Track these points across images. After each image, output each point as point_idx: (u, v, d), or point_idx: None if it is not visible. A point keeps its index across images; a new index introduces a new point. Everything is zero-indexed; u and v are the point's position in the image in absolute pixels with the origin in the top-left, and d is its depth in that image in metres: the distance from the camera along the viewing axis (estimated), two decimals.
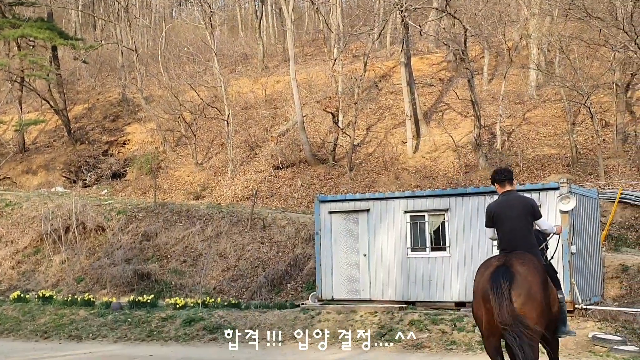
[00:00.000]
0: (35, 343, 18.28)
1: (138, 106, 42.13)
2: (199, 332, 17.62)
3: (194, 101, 38.15)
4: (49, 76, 39.42)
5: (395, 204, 17.86)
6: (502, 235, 8.12)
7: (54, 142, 41.67)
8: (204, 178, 34.30)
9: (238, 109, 38.97)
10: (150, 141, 39.11)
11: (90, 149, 38.85)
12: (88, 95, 46.62)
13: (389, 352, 14.75)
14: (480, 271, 7.82)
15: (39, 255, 25.04)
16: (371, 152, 33.62)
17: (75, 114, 43.34)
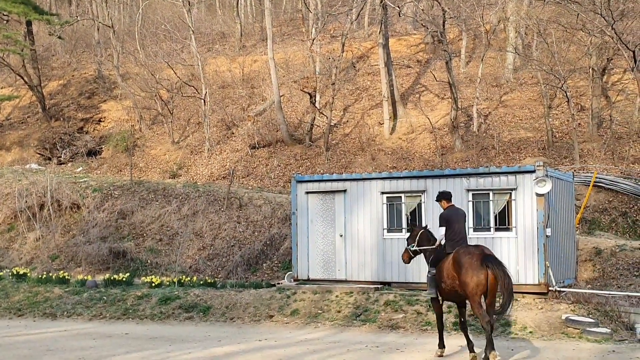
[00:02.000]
0: (9, 321, 18.18)
1: (114, 83, 41.69)
2: (175, 310, 17.64)
3: (171, 79, 37.83)
4: (23, 51, 38.82)
5: (372, 184, 17.92)
6: (452, 232, 11.63)
7: (28, 119, 41.14)
8: (181, 157, 34.13)
9: (215, 87, 38.75)
10: (126, 119, 38.77)
11: (65, 125, 38.41)
12: (63, 72, 45.99)
13: (365, 332, 14.89)
14: (468, 255, 10.88)
15: (12, 233, 24.81)
16: (348, 132, 33.65)
17: (50, 91, 42.77)
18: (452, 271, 10.97)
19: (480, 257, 10.69)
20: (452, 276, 10.99)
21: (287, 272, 19.53)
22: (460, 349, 12.30)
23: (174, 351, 12.93)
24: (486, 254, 10.83)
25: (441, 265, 11.37)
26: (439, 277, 11.39)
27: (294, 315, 16.36)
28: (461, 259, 10.83)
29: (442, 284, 11.33)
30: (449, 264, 11.14)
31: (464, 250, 11.03)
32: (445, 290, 11.33)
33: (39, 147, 37.04)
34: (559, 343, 13.07)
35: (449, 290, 11.26)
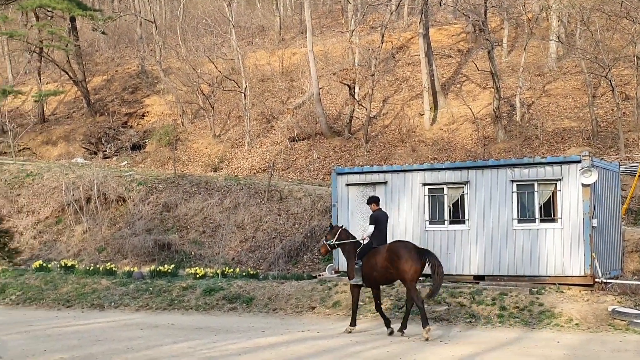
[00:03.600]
0: (58, 312, 18.60)
1: (156, 78, 42.20)
2: (219, 301, 17.86)
3: (212, 73, 38.17)
4: (68, 47, 39.51)
5: (414, 176, 17.86)
6: (378, 231, 13.73)
7: (73, 114, 41.90)
8: (222, 150, 34.43)
9: (255, 81, 38.95)
10: (168, 113, 39.24)
11: (109, 120, 39.04)
12: (107, 67, 46.72)
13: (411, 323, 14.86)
14: (406, 249, 13.04)
15: (60, 225, 25.36)
16: (387, 124, 33.55)
17: (94, 86, 43.50)
18: (387, 262, 13.07)
19: (417, 250, 13.06)
20: (386, 266, 13.10)
21: (327, 264, 19.60)
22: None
23: (220, 341, 13.11)
24: (420, 247, 13.33)
25: (372, 258, 13.38)
26: (370, 266, 13.40)
27: (336, 307, 16.43)
28: (399, 252, 12.95)
29: (374, 272, 13.33)
30: (382, 256, 13.18)
31: (400, 244, 13.28)
32: (376, 277, 13.40)
33: (84, 142, 37.72)
34: (605, 335, 12.92)
35: (379, 277, 13.40)
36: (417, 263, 12.83)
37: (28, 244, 24.80)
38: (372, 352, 11.68)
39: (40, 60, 42.03)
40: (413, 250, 13.00)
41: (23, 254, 23.87)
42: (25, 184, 27.64)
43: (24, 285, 20.66)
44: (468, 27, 39.67)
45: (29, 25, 43.96)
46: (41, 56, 41.70)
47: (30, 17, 43.51)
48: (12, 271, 22.04)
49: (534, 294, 15.28)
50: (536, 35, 35.71)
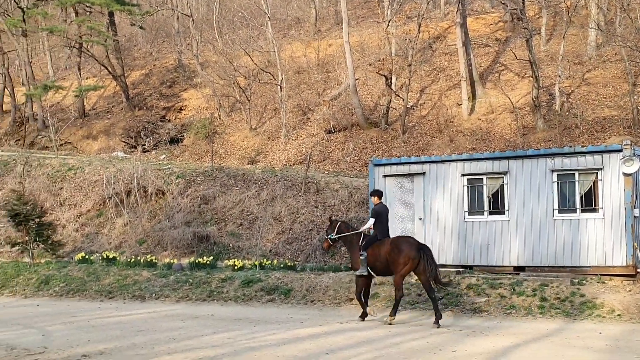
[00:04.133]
0: (100, 303, 18.93)
1: (194, 72, 42.52)
2: (257, 293, 17.99)
3: (248, 66, 38.32)
4: (107, 42, 40.01)
5: (452, 166, 17.76)
6: (381, 223, 14.39)
7: (113, 108, 42.47)
8: (258, 143, 34.57)
9: (291, 73, 39.00)
10: (206, 107, 39.53)
11: (148, 114, 39.48)
12: (145, 62, 47.22)
13: (447, 315, 14.81)
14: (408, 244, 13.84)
15: (101, 218, 25.75)
16: (425, 114, 33.33)
17: (132, 80, 44.01)
18: (388, 254, 13.84)
19: (417, 246, 13.85)
20: (387, 259, 13.89)
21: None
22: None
23: (259, 332, 13.21)
24: (420, 243, 14.13)
25: (377, 249, 14.12)
26: (374, 257, 14.14)
27: (374, 298, 16.42)
28: (401, 246, 13.79)
29: (377, 263, 14.12)
30: (386, 249, 13.96)
31: (403, 239, 14.17)
32: (377, 267, 14.16)
33: (124, 136, 38.21)
34: None
35: (380, 267, 14.13)
36: (414, 260, 13.64)
37: (71, 237, 25.24)
38: (411, 343, 11.66)
39: (80, 56, 42.63)
40: (414, 246, 13.82)
41: (66, 247, 24.31)
42: (67, 177, 28.11)
43: (67, 277, 21.07)
44: (506, 16, 39.16)
45: (68, 20, 44.67)
46: (81, 51, 42.29)
47: (70, 12, 44.16)
48: (55, 263, 22.49)
49: (575, 284, 15.11)
50: (575, 23, 35.10)
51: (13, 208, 22.88)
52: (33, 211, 22.72)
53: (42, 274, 21.58)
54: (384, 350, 11.06)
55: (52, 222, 24.09)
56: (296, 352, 10.97)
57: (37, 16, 42.85)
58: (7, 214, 23.40)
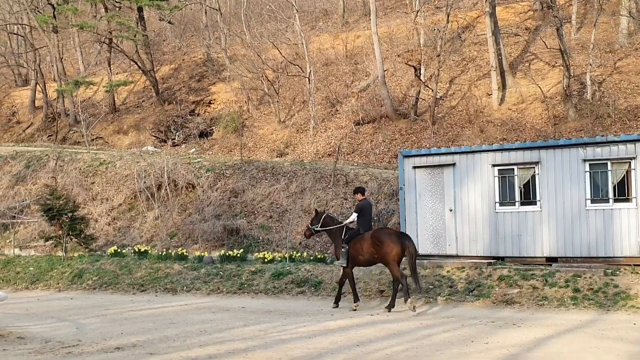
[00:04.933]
0: (132, 296, 19.15)
1: (222, 66, 42.66)
2: (287, 285, 18.05)
3: (276, 59, 38.33)
4: (136, 37, 40.30)
5: (483, 157, 17.61)
6: (364, 218, 15.28)
7: (142, 103, 42.81)
8: (287, 135, 34.60)
9: (319, 65, 38.94)
10: (234, 100, 39.64)
11: (177, 109, 39.71)
12: (174, 56, 47.49)
13: (479, 307, 14.73)
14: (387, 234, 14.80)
15: (133, 212, 26.00)
16: (454, 105, 33.06)
17: (162, 75, 44.30)
18: (371, 247, 14.67)
19: (397, 235, 14.82)
20: (371, 251, 14.72)
21: None
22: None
23: (290, 324, 13.26)
24: (400, 232, 15.30)
25: (358, 243, 14.98)
26: (356, 250, 15.01)
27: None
28: (381, 238, 14.63)
29: (359, 257, 15.00)
30: (368, 242, 14.79)
31: (382, 231, 15.05)
32: (360, 260, 15.07)
33: (154, 130, 38.50)
34: None
35: (363, 260, 15.05)
36: (397, 246, 14.46)
37: (103, 231, 25.53)
38: (443, 335, 11.60)
39: (110, 51, 43.02)
40: (394, 235, 14.76)
41: (98, 240, 24.59)
42: (99, 172, 28.42)
43: (100, 270, 21.34)
44: (535, 5, 38.64)
45: (98, 16, 45.06)
46: (111, 47, 42.67)
47: (100, 8, 44.54)
48: (88, 257, 22.79)
49: (609, 275, 14.90)
50: (606, 11, 34.50)
51: (46, 203, 23.20)
52: (66, 205, 23.01)
53: (75, 267, 21.89)
54: (415, 342, 11.02)
55: (84, 216, 24.37)
56: (327, 345, 10.98)
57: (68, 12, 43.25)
58: (41, 209, 23.74)
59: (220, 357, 10.21)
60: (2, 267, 23.31)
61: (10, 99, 47.72)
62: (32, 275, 22.26)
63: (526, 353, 10.06)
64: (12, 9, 50.58)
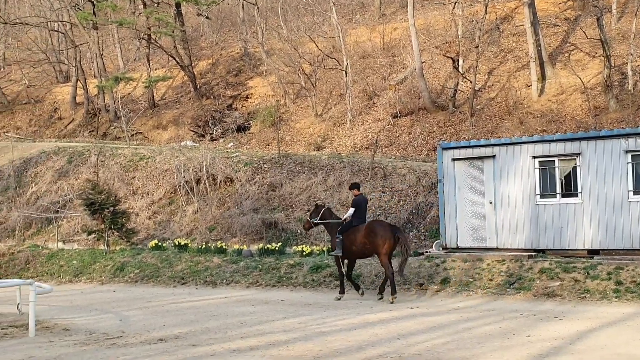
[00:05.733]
0: (173, 288, 19.41)
1: (259, 60, 42.82)
2: (326, 278, 18.12)
3: (313, 53, 38.35)
4: (174, 33, 40.64)
5: (523, 149, 17.43)
6: (359, 212, 16.10)
7: (181, 98, 43.20)
8: (324, 129, 34.62)
9: (356, 58, 38.85)
10: (271, 94, 39.78)
11: (215, 103, 40.00)
12: (211, 51, 47.80)
13: (519, 300, 14.62)
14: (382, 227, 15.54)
15: (173, 206, 26.31)
16: (493, 96, 32.73)
17: (200, 70, 44.65)
18: (365, 238, 15.44)
19: (390, 228, 15.49)
20: (364, 242, 15.48)
21: (434, 240, 19.44)
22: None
23: (329, 317, 13.31)
24: (393, 225, 16.01)
25: (352, 234, 15.71)
26: (350, 241, 15.73)
27: (445, 283, 16.31)
28: (375, 229, 15.40)
29: (353, 247, 15.71)
30: (361, 233, 15.54)
31: (376, 223, 15.95)
32: (354, 250, 15.78)
33: (192, 125, 38.84)
34: None
35: (357, 251, 15.76)
36: (390, 239, 15.16)
37: (144, 224, 25.88)
38: (484, 328, 11.54)
39: (149, 47, 43.46)
40: (387, 228, 15.48)
41: (139, 234, 24.94)
42: (139, 167, 28.79)
43: (141, 263, 21.66)
44: None
45: (137, 13, 45.57)
46: (149, 43, 43.10)
47: (138, 4, 45.03)
48: (130, 250, 23.13)
49: None
50: None
51: (89, 197, 23.60)
52: (108, 200, 23.38)
53: (117, 260, 22.24)
54: (456, 335, 10.98)
55: (125, 211, 24.74)
56: (367, 337, 11.00)
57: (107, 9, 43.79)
58: (83, 203, 24.16)
59: (261, 349, 10.30)
60: (47, 261, 23.80)
61: (52, 95, 48.54)
62: (76, 268, 22.70)
63: (569, 346, 9.96)
64: (53, 7, 51.39)
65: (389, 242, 15.16)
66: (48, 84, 51.41)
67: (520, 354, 9.47)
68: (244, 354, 9.92)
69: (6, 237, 27.24)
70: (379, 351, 9.88)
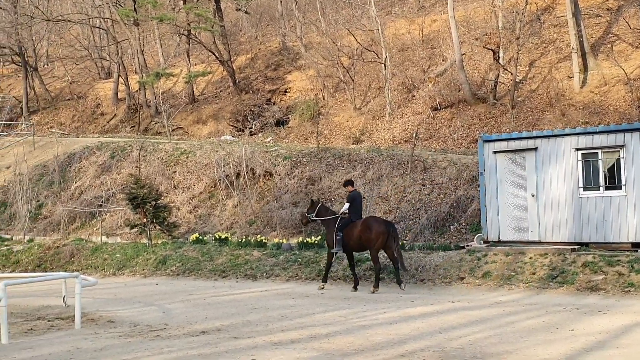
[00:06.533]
0: (214, 281, 19.60)
1: (298, 54, 42.90)
2: (366, 272, 18.13)
3: (351, 46, 38.28)
4: (214, 28, 40.94)
5: (565, 141, 17.18)
6: (355, 207, 16.99)
7: (220, 93, 43.52)
8: (363, 122, 34.55)
9: (395, 51, 38.67)
10: (310, 88, 39.82)
11: (254, 98, 40.20)
12: (250, 46, 48.04)
13: (562, 294, 14.44)
14: (377, 222, 16.48)
15: (213, 200, 26.54)
16: (534, 88, 32.29)
17: (239, 65, 44.91)
18: (360, 233, 16.28)
19: (385, 224, 16.39)
20: (359, 237, 16.32)
21: (475, 234, 19.30)
22: None
23: (369, 310, 13.30)
24: (388, 221, 17.06)
25: (350, 230, 16.56)
26: (348, 236, 16.57)
27: (486, 277, 16.19)
28: (371, 225, 16.27)
29: (350, 241, 16.57)
30: (358, 228, 16.40)
31: (372, 219, 16.88)
32: (352, 245, 16.65)
33: (231, 119, 39.11)
34: None
35: (354, 245, 16.64)
36: (384, 234, 16.03)
37: (185, 218, 26.17)
38: (527, 322, 11.43)
39: (189, 43, 43.85)
40: (382, 224, 16.36)
41: (181, 228, 25.23)
42: (180, 161, 29.11)
43: (182, 257, 21.92)
44: None
45: (176, 8, 46.01)
46: (189, 38, 43.51)
47: (178, 0, 45.48)
48: (171, 244, 23.43)
49: None
50: None
51: (131, 192, 23.94)
52: (150, 194, 23.70)
53: (159, 254, 22.54)
54: (499, 329, 10.89)
55: (167, 205, 25.05)
56: (408, 331, 10.97)
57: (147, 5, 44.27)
58: (126, 197, 24.52)
59: (302, 342, 10.35)
60: (91, 254, 24.24)
61: (95, 91, 49.34)
62: (119, 261, 23.07)
63: (613, 340, 9.81)
64: (95, 3, 52.16)
65: (382, 237, 16.03)
66: (90, 80, 52.26)
67: (564, 348, 9.36)
68: (286, 347, 9.98)
69: (51, 231, 27.81)
70: (421, 345, 9.85)
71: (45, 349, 10.45)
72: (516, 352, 9.20)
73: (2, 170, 33.71)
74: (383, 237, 16.00)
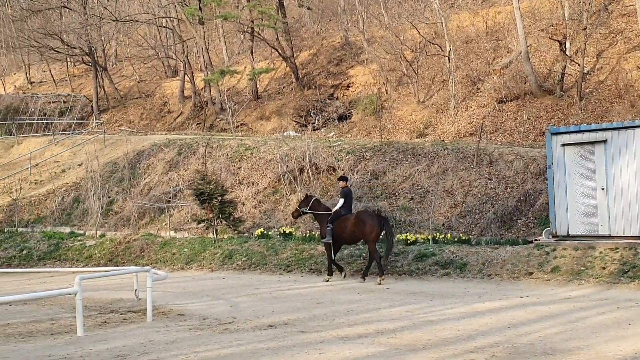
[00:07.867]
0: (280, 276, 19.82)
1: (360, 49, 42.83)
2: (431, 267, 18.02)
3: (415, 39, 38.00)
4: (277, 25, 41.24)
5: (636, 133, 16.72)
6: (347, 202, 18.24)
7: (283, 89, 43.83)
8: (426, 116, 34.28)
9: (459, 43, 38.20)
10: (372, 82, 39.72)
11: (316, 93, 40.35)
12: (312, 42, 48.19)
13: (634, 289, 14.08)
14: (370, 216, 17.69)
15: (277, 195, 26.79)
16: (603, 79, 31.43)
17: (301, 61, 45.13)
18: (354, 226, 17.55)
19: (377, 217, 17.61)
20: (353, 230, 17.60)
21: (543, 228, 18.97)
22: None
23: (436, 306, 13.25)
24: (380, 215, 18.42)
25: (342, 223, 17.90)
26: (340, 229, 17.89)
27: (555, 272, 15.91)
28: (364, 219, 17.46)
29: (343, 234, 17.88)
30: (351, 222, 17.66)
31: (364, 213, 18.04)
32: (344, 237, 18.00)
33: (294, 115, 39.35)
34: None
35: (347, 237, 17.99)
36: (377, 227, 17.26)
37: (250, 213, 26.49)
38: (598, 318, 11.20)
39: (252, 40, 44.29)
40: (375, 217, 17.60)
41: (246, 223, 25.55)
42: (244, 157, 29.48)
43: (248, 251, 22.22)
44: None
45: (240, 7, 46.50)
46: (253, 36, 43.92)
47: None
48: (237, 239, 23.77)
49: None
50: None
51: (198, 187, 24.39)
52: (216, 190, 24.08)
53: (225, 248, 22.91)
54: (569, 325, 10.71)
55: (232, 200, 25.40)
56: (476, 326, 10.89)
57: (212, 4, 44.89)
58: (193, 193, 24.99)
59: (369, 336, 10.39)
60: (160, 249, 24.81)
61: (162, 89, 50.35)
62: (187, 256, 23.54)
63: None
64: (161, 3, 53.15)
65: (376, 230, 17.24)
66: (157, 79, 53.33)
67: (637, 344, 9.14)
68: (353, 342, 10.04)
69: (122, 226, 28.56)
70: (490, 341, 9.77)
71: (119, 342, 10.78)
72: (587, 348, 9.04)
73: (74, 167, 34.78)
74: (377, 229, 17.24)
